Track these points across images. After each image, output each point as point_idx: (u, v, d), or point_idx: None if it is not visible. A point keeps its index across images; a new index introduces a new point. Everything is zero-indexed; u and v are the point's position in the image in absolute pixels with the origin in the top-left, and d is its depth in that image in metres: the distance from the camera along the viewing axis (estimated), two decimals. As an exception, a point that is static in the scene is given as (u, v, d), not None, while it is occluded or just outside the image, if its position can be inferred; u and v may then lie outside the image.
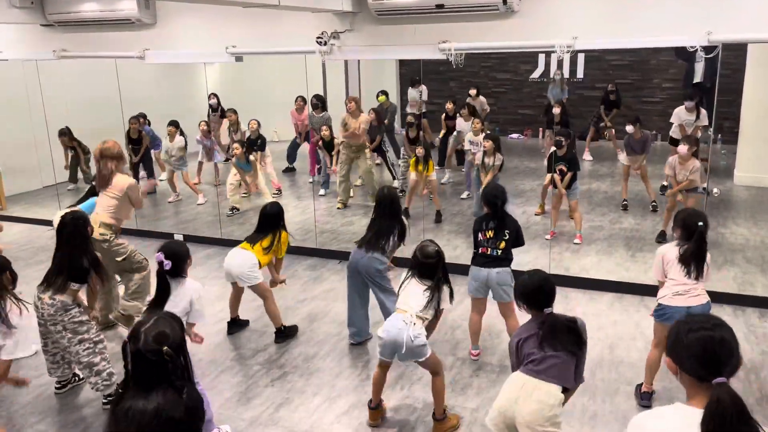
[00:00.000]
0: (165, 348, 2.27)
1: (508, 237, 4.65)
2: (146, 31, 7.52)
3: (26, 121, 8.88)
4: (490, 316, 4.85)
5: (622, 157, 10.17)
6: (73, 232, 4.23)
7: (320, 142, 9.09)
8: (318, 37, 6.44)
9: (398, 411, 4.20)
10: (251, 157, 8.49)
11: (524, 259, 6.55)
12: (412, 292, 3.93)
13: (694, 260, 3.95)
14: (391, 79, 12.06)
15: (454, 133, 9.43)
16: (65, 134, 9.36)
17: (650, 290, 5.84)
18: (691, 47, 5.21)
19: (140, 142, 9.18)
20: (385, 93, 9.90)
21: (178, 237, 7.53)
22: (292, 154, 10.36)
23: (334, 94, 9.40)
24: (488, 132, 8.43)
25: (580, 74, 11.94)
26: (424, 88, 10.59)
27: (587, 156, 10.60)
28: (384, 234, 4.87)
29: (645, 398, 4.20)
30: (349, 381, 4.58)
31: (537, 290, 3.15)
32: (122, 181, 5.19)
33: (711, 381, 1.84)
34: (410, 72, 11.11)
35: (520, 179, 9.76)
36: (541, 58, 12.20)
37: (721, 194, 8.53)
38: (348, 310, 5.11)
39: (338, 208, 8.65)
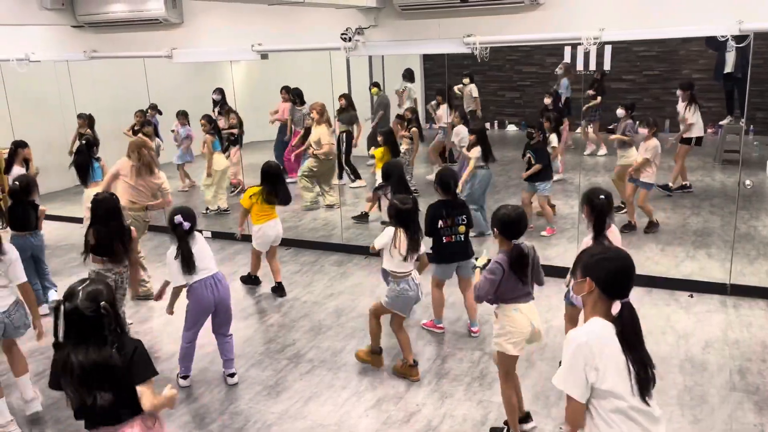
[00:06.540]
0: (103, 303, 2.52)
1: (466, 222, 4.89)
2: (173, 31, 7.65)
3: (58, 120, 9.09)
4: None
5: (598, 150, 10.05)
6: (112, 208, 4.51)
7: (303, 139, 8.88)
8: (342, 34, 6.47)
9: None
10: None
11: (551, 252, 6.54)
12: (403, 249, 4.29)
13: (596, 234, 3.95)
14: (416, 74, 12.02)
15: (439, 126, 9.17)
16: (84, 118, 8.75)
17: (680, 284, 5.78)
18: (722, 36, 5.12)
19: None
20: (376, 85, 9.67)
21: (206, 234, 7.63)
22: (278, 156, 9.97)
23: (358, 90, 9.42)
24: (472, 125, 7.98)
25: (607, 66, 11.76)
26: (408, 86, 9.97)
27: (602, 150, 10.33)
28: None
29: None
30: (377, 375, 4.61)
31: (513, 223, 3.56)
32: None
33: (618, 299, 2.27)
34: (435, 67, 11.03)
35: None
36: (567, 50, 12.05)
37: (753, 186, 8.34)
38: None
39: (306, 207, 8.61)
